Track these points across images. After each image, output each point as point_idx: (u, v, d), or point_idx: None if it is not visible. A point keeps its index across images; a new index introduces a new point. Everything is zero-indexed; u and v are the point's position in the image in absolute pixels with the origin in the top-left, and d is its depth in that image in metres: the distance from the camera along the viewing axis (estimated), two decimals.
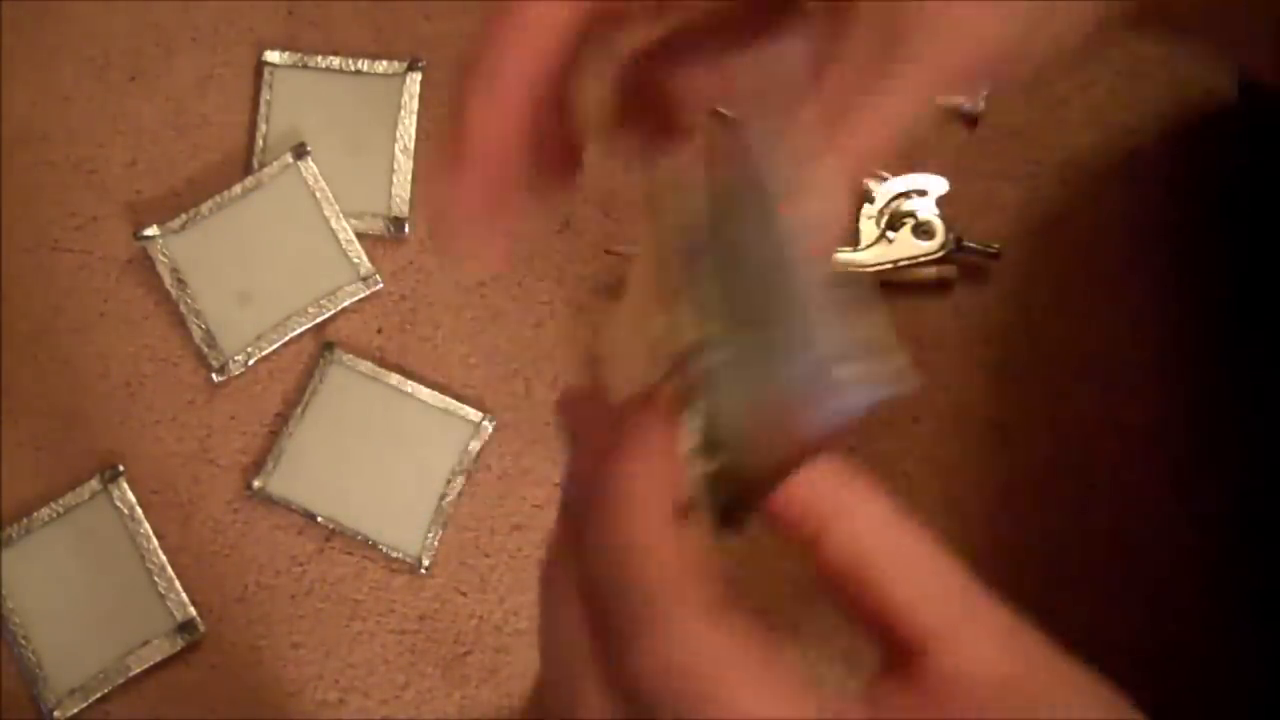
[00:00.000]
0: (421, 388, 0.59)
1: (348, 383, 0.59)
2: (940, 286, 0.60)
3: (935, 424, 0.59)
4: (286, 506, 0.58)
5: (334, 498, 0.58)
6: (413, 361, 0.60)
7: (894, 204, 0.60)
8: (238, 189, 0.61)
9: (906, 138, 0.27)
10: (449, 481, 0.58)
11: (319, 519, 0.57)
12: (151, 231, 0.60)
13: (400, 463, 0.58)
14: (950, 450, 0.59)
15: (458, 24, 0.64)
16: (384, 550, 0.57)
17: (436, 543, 0.57)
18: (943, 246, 0.59)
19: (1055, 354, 0.60)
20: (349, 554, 0.57)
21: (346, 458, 0.58)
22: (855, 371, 0.23)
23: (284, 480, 0.58)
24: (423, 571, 0.57)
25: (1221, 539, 0.57)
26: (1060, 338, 0.60)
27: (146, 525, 0.57)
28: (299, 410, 0.59)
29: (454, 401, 0.59)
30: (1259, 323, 0.58)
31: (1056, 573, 0.57)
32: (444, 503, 0.58)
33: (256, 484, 0.58)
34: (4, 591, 0.56)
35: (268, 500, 0.58)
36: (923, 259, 0.59)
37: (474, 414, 0.59)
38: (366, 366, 0.60)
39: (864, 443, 0.59)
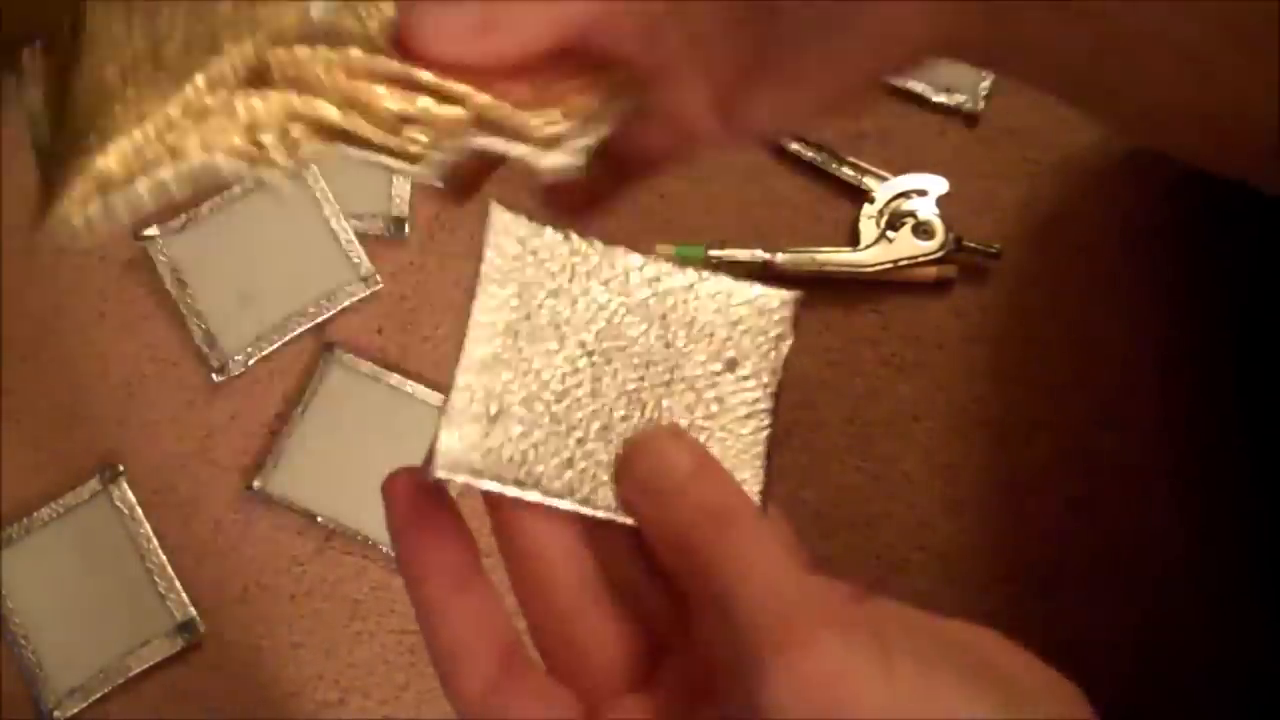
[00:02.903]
0: (421, 388, 0.59)
1: (348, 383, 0.59)
2: (940, 286, 0.60)
3: (935, 423, 0.59)
4: (287, 506, 0.58)
5: (334, 497, 0.58)
6: (413, 361, 0.60)
7: (894, 204, 0.60)
8: (238, 189, 0.61)
9: None
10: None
11: (319, 519, 0.57)
12: (151, 231, 0.60)
13: (400, 462, 0.58)
14: (950, 450, 0.59)
15: None
16: (384, 550, 0.57)
17: None
18: (942, 246, 0.59)
19: (1055, 354, 0.60)
20: (349, 554, 0.57)
21: (347, 458, 0.58)
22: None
23: (284, 480, 0.58)
24: None
25: (1222, 539, 0.57)
26: (1060, 337, 0.60)
27: (147, 525, 0.57)
28: (299, 410, 0.59)
29: None
30: (1259, 322, 0.58)
31: (1056, 572, 0.57)
32: None
33: (256, 484, 0.58)
34: (4, 591, 0.56)
35: (268, 500, 0.58)
36: (922, 259, 0.59)
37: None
38: (367, 367, 0.59)
39: (863, 443, 0.59)
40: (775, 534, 0.31)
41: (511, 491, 0.32)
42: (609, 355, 0.33)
